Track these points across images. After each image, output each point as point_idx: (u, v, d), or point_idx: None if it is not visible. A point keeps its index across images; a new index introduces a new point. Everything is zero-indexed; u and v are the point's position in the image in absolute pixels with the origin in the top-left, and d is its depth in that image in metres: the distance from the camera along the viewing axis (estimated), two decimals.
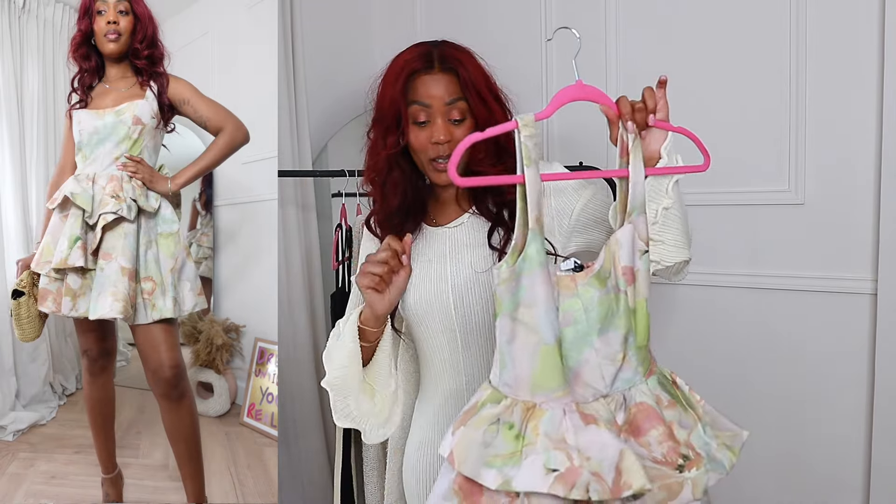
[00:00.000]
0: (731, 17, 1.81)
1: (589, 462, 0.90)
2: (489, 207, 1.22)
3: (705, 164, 1.09)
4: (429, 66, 1.18)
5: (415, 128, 1.18)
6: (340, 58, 2.39)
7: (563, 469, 0.90)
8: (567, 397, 0.94)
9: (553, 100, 1.03)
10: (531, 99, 2.16)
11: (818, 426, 1.77)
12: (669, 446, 0.95)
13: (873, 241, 1.66)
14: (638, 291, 0.99)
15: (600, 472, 0.90)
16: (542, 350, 0.93)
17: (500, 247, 1.19)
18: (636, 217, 1.00)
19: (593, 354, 0.96)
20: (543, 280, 0.93)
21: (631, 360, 0.98)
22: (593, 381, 0.96)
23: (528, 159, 0.95)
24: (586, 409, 0.95)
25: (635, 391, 0.98)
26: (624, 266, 0.98)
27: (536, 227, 0.94)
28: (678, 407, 0.99)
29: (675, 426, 0.97)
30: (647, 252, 1.00)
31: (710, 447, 0.97)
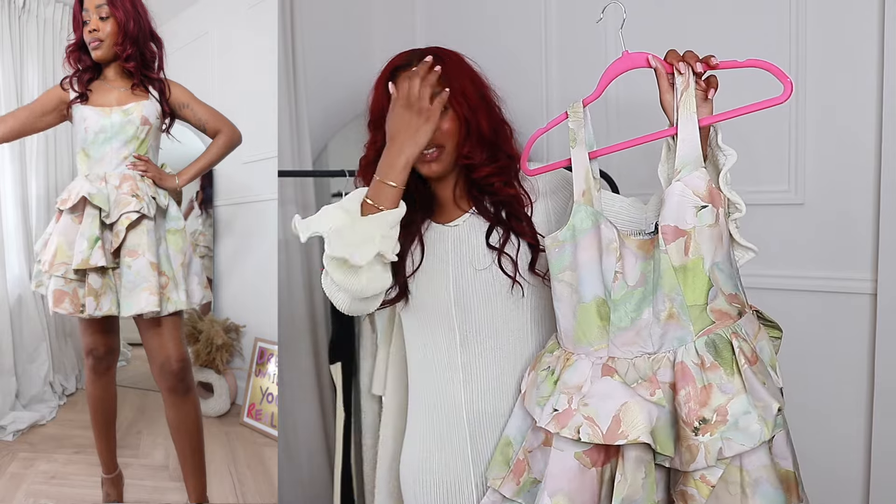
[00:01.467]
0: (731, 17, 1.81)
1: (586, 407, 0.99)
2: (487, 207, 1.22)
3: (786, 94, 0.97)
4: (408, 63, 1.20)
5: None
6: (340, 58, 2.39)
7: (560, 410, 1.01)
8: (602, 351, 1.03)
9: (602, 78, 1.06)
10: (531, 98, 2.17)
11: (818, 426, 1.77)
12: (690, 408, 0.96)
13: (873, 241, 1.66)
14: (692, 249, 0.99)
15: (594, 418, 0.98)
16: (581, 308, 1.03)
17: (498, 246, 1.19)
18: (688, 173, 0.99)
19: (649, 313, 1.01)
20: (587, 246, 1.03)
21: (681, 318, 0.99)
22: (640, 340, 1.01)
23: (573, 141, 1.07)
24: (615, 364, 1.02)
25: (682, 350, 0.99)
26: (664, 225, 0.99)
27: (581, 200, 1.04)
28: (722, 370, 0.98)
29: (713, 389, 0.97)
30: (707, 207, 0.98)
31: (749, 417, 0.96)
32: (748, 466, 0.97)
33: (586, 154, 1.06)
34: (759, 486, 0.97)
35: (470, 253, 1.21)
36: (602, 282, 1.02)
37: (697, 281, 0.99)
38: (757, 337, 1.04)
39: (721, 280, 1.00)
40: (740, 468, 0.97)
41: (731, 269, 1.03)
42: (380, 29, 2.48)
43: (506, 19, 2.21)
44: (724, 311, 1.01)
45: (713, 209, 0.98)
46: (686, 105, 0.99)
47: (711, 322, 1.00)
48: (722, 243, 1.01)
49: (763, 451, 0.98)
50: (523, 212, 1.20)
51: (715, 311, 1.00)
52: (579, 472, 1.01)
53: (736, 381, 0.97)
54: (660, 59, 1.02)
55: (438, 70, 1.14)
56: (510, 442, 1.13)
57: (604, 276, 1.02)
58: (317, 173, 2.21)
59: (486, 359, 1.21)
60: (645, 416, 0.97)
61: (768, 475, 0.97)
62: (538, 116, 2.11)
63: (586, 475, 1.01)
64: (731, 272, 1.03)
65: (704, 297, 0.99)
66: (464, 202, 1.25)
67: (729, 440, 0.95)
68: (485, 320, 1.20)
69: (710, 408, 0.96)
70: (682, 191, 0.98)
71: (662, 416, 0.99)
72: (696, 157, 0.99)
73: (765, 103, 0.98)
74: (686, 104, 0.99)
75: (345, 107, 2.30)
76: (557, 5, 2.11)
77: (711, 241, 0.99)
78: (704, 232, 0.98)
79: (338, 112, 2.33)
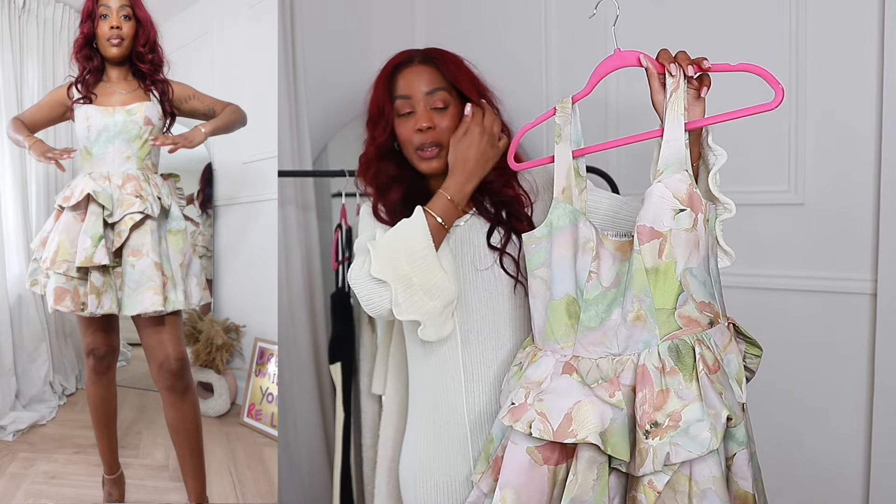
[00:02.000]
0: (730, 16, 1.81)
1: (540, 403, 0.99)
2: (487, 207, 1.22)
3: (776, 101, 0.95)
4: (409, 60, 1.21)
5: (400, 121, 1.21)
6: (340, 58, 2.39)
7: (517, 403, 1.02)
8: (568, 349, 1.03)
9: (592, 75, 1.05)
10: (530, 98, 2.17)
11: (817, 426, 1.77)
12: (644, 410, 0.95)
13: (873, 241, 1.66)
14: (666, 252, 0.97)
15: (546, 414, 0.98)
16: (551, 304, 1.04)
17: (500, 246, 1.19)
18: (669, 175, 0.97)
19: (618, 313, 1.00)
20: (560, 243, 1.03)
21: (647, 320, 0.98)
22: (606, 340, 1.00)
23: (558, 136, 1.08)
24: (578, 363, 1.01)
25: (645, 353, 0.98)
26: (640, 225, 0.98)
27: (561, 197, 1.05)
28: (680, 375, 0.96)
29: (670, 394, 0.96)
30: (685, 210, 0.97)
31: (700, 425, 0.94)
32: (697, 476, 0.95)
33: (570, 151, 1.06)
34: (706, 498, 0.95)
35: (471, 253, 1.21)
36: (574, 280, 1.02)
37: (668, 284, 0.97)
38: (726, 349, 1.02)
39: (693, 286, 0.98)
40: (689, 477, 0.95)
41: (706, 276, 1.00)
42: (380, 29, 2.48)
43: (505, 19, 2.21)
44: (692, 318, 0.98)
45: (691, 213, 0.97)
46: (674, 106, 0.98)
47: (678, 328, 0.98)
48: (698, 249, 0.98)
49: (714, 462, 0.95)
50: (524, 212, 1.21)
51: (683, 316, 0.98)
52: (529, 467, 1.00)
53: (693, 388, 0.95)
54: (651, 59, 1.01)
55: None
56: (492, 438, 1.13)
57: (577, 274, 1.02)
58: (317, 173, 2.21)
59: (486, 359, 1.21)
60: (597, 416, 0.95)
61: (717, 488, 0.95)
62: (537, 116, 2.11)
63: (536, 471, 1.00)
64: (705, 279, 1.00)
65: (673, 302, 0.97)
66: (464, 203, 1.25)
67: (677, 446, 0.93)
68: (486, 320, 1.20)
69: (664, 412, 0.94)
70: (663, 192, 0.96)
71: (619, 419, 0.97)
72: (680, 158, 0.97)
73: (755, 109, 0.96)
74: (674, 105, 0.98)
75: (345, 107, 2.30)
76: (557, 5, 2.11)
77: (687, 245, 0.97)
78: (681, 236, 0.96)
79: (338, 112, 2.33)
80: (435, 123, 1.19)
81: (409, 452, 1.30)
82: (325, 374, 2.21)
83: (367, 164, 1.25)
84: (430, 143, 1.19)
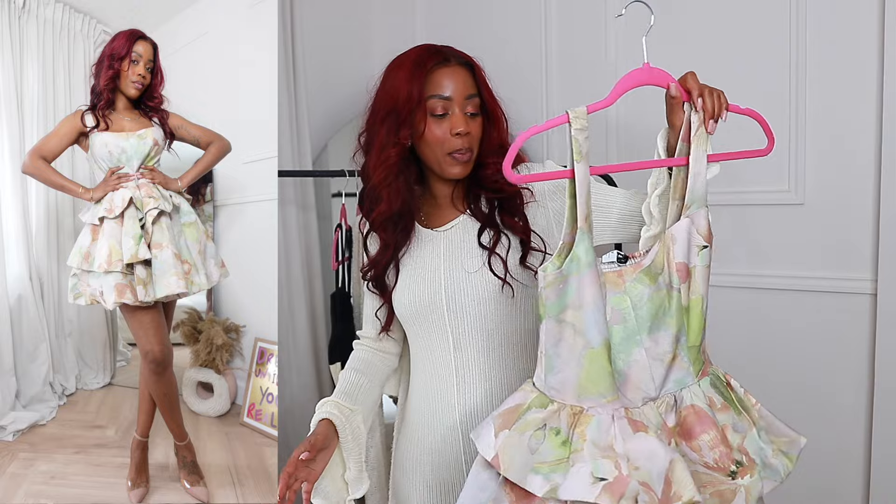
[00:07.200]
0: (731, 17, 1.81)
1: (638, 471, 0.87)
2: (482, 208, 1.22)
3: (768, 148, 1.04)
4: (445, 60, 1.17)
5: (432, 121, 1.17)
6: (340, 58, 2.39)
7: (611, 478, 0.87)
8: (616, 402, 0.91)
9: (616, 86, 0.97)
10: (530, 97, 2.17)
11: (818, 426, 1.77)
12: (721, 451, 0.92)
13: (873, 241, 1.66)
14: (693, 289, 0.95)
15: (649, 482, 0.87)
16: (589, 354, 0.90)
17: (489, 246, 1.18)
18: (695, 211, 0.95)
19: (643, 354, 0.93)
20: (591, 281, 0.89)
21: (682, 360, 0.94)
22: (643, 384, 0.93)
23: (579, 154, 0.91)
24: (635, 416, 0.91)
25: (687, 393, 0.94)
26: (678, 262, 0.94)
27: (585, 226, 0.90)
28: (731, 410, 0.95)
29: (728, 430, 0.94)
30: (707, 248, 0.95)
31: (764, 453, 0.94)
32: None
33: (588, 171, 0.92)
34: None
35: (462, 256, 1.21)
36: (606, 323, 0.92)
37: (697, 321, 0.95)
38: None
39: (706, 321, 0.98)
40: None
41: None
42: (380, 29, 2.48)
43: (506, 22, 2.21)
44: (707, 352, 0.99)
45: (709, 250, 0.96)
46: (698, 142, 0.95)
47: (703, 363, 0.97)
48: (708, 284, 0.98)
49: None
50: (520, 208, 1.20)
51: (704, 352, 0.97)
52: None
53: (745, 419, 0.95)
54: (681, 89, 0.98)
55: None
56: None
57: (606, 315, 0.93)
58: (317, 173, 2.21)
59: (478, 362, 1.20)
60: (688, 472, 0.88)
61: None
62: (537, 121, 2.11)
63: None
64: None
65: (700, 338, 0.96)
66: (460, 203, 1.25)
67: (766, 479, 0.93)
68: (477, 323, 1.20)
69: (736, 449, 0.93)
70: (689, 228, 0.94)
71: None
72: (702, 194, 0.96)
73: (751, 153, 1.04)
74: (699, 141, 0.96)
75: (345, 107, 2.30)
76: (557, 9, 2.11)
77: (706, 281, 0.96)
78: (703, 272, 0.95)
79: (338, 112, 2.33)
80: (470, 129, 1.18)
81: (402, 454, 1.30)
82: (325, 374, 2.21)
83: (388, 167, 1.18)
84: (466, 148, 1.18)
